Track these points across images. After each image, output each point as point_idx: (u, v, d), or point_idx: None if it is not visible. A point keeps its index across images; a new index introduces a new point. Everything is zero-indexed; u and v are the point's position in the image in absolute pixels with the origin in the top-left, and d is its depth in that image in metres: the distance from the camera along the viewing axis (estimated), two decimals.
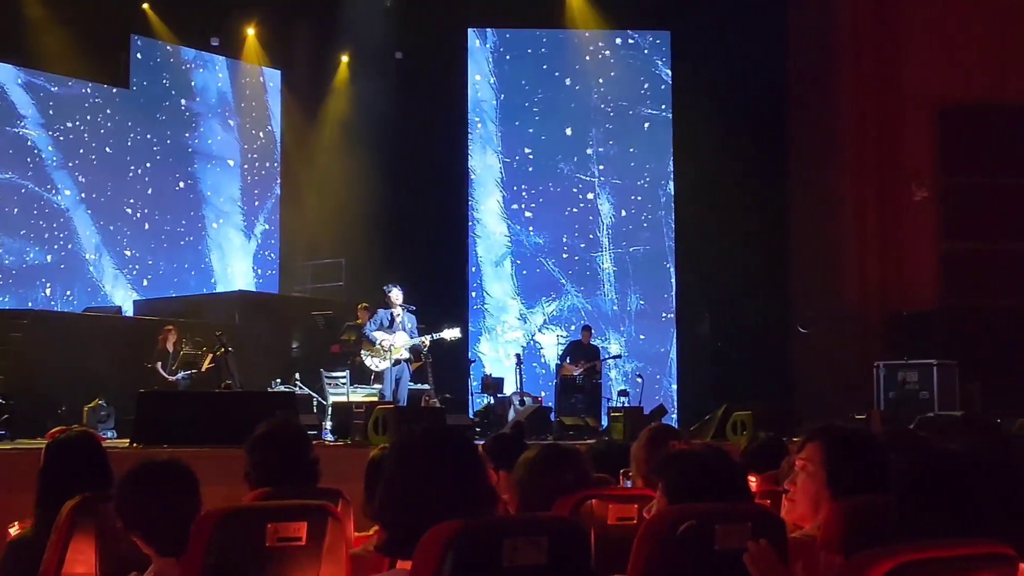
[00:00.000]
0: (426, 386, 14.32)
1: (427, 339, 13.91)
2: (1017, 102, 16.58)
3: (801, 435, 3.91)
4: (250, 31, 18.24)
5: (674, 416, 17.27)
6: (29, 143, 16.73)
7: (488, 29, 19.02)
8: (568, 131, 18.89)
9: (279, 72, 18.95)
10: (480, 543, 2.67)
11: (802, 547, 3.43)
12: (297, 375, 14.42)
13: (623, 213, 18.82)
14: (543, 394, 16.72)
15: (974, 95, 16.92)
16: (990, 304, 16.63)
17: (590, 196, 18.84)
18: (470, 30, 18.90)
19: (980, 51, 16.96)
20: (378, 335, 13.82)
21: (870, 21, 17.51)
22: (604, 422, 14.79)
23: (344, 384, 14.02)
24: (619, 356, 17.65)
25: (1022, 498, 2.62)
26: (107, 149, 17.34)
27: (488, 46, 19.05)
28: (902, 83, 17.23)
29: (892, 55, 17.34)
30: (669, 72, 18.90)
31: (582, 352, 16.31)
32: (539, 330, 18.48)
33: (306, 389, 14.11)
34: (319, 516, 3.67)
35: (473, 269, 18.63)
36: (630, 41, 19.07)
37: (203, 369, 14.00)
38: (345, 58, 18.64)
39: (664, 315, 18.68)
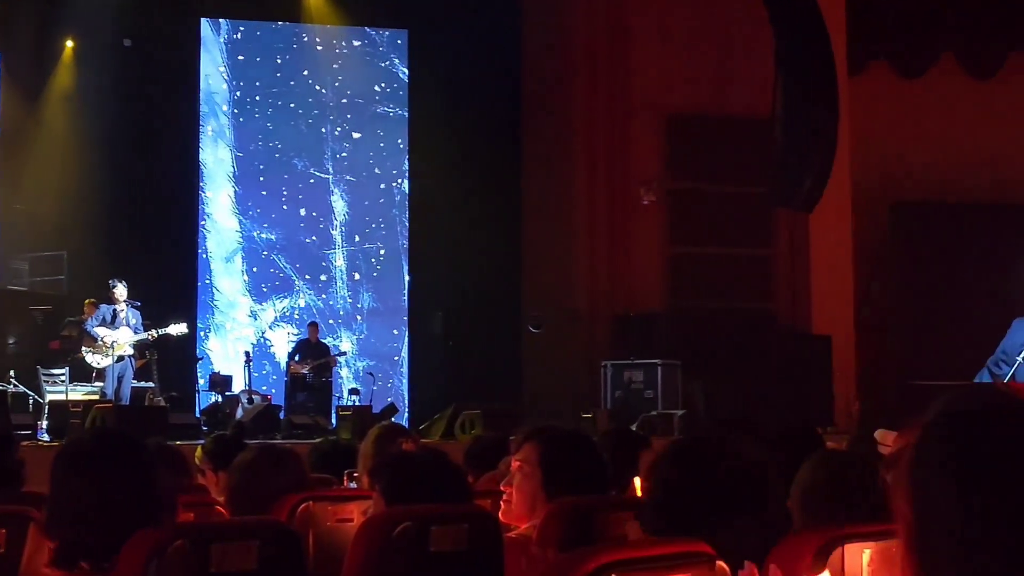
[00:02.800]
0: (150, 384, 14.00)
1: (152, 335, 13.60)
2: (737, 114, 17.25)
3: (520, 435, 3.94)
4: None
5: (405, 415, 17.31)
6: None
7: (222, 20, 18.60)
8: (303, 127, 18.66)
9: None
10: (187, 549, 2.59)
11: (518, 547, 3.45)
12: (12, 372, 13.80)
13: (357, 211, 18.72)
14: (272, 392, 16.53)
15: (699, 105, 17.54)
16: (711, 306, 17.27)
17: (324, 193, 18.67)
18: (203, 20, 18.43)
19: (705, 64, 17.59)
20: (100, 331, 13.41)
21: (602, 29, 17.93)
22: (334, 421, 14.71)
23: (63, 382, 13.52)
24: (346, 353, 17.49)
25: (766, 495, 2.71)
26: None
27: (222, 37, 18.63)
28: (632, 91, 17.70)
29: (622, 63, 17.79)
30: (406, 71, 18.91)
31: (310, 350, 16.22)
32: (270, 327, 18.21)
33: (22, 387, 13.55)
34: (19, 522, 3.52)
35: (202, 264, 18.19)
36: (367, 38, 19.00)
37: None
38: (70, 43, 17.89)
39: (397, 314, 18.69)
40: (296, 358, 16.16)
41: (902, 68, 18.91)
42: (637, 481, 4.45)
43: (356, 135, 18.74)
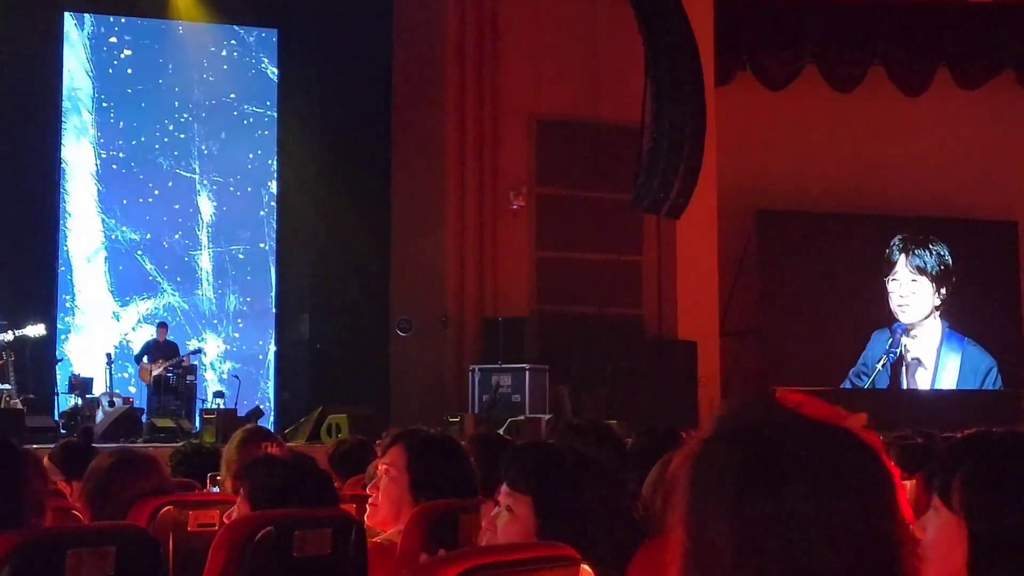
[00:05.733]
0: (6, 386, 13.63)
1: (9, 335, 13.29)
2: (607, 119, 17.38)
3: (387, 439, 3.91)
4: None
5: (271, 418, 17.12)
6: None
7: (86, 14, 18.20)
8: (169, 125, 18.34)
9: None
10: (40, 556, 2.52)
11: (384, 551, 3.43)
12: None
13: (224, 212, 18.46)
14: (134, 395, 16.20)
15: (569, 111, 17.65)
16: (579, 311, 17.38)
17: (190, 193, 18.37)
18: (67, 14, 18.01)
19: (575, 70, 17.70)
20: None
21: (472, 33, 17.94)
22: (198, 424, 14.50)
23: None
24: (199, 351, 17.14)
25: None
26: None
27: (86, 31, 18.23)
28: (502, 94, 17.74)
29: (492, 68, 17.82)
30: (276, 71, 18.71)
31: (159, 351, 15.94)
32: (133, 329, 17.85)
33: None
34: None
35: (63, 264, 17.76)
36: (236, 37, 18.74)
37: None
38: None
39: (264, 316, 18.48)
40: (145, 360, 15.89)
41: (767, 80, 19.29)
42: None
43: (223, 135, 18.48)
